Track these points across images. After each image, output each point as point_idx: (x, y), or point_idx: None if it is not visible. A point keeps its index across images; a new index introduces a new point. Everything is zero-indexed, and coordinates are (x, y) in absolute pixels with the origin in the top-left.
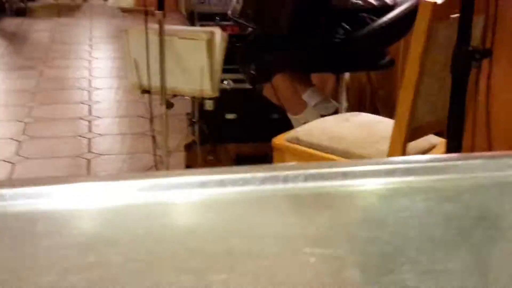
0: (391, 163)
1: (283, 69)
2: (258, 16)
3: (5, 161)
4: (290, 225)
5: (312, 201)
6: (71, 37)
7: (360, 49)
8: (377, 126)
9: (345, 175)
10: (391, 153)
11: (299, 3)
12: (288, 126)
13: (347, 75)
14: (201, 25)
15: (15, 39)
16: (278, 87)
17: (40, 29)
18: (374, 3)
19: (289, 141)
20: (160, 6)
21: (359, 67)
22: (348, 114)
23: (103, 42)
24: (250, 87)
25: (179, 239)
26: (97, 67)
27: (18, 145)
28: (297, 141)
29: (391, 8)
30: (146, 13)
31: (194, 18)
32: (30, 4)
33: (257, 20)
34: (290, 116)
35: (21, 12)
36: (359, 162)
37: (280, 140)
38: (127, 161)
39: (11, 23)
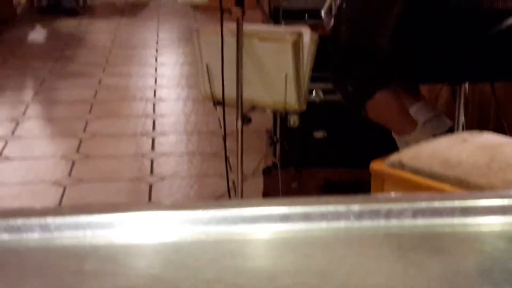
0: None
1: (388, 82)
2: (353, 34)
3: (56, 183)
4: (395, 274)
5: (422, 243)
6: (135, 39)
7: (486, 53)
8: (503, 150)
9: (465, 211)
10: None
11: (405, 12)
12: (390, 147)
13: (465, 85)
14: (287, 24)
15: (71, 42)
16: (381, 104)
17: (100, 30)
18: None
19: (391, 165)
20: (239, 1)
21: (482, 75)
22: (466, 133)
23: (171, 45)
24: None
25: (256, 286)
26: (164, 75)
27: (70, 165)
28: (401, 166)
29: None
30: (222, 11)
31: (279, 15)
32: (90, 1)
33: (352, 39)
34: (395, 136)
35: (72, 12)
36: (482, 194)
37: (380, 164)
38: (194, 186)
39: (68, 23)
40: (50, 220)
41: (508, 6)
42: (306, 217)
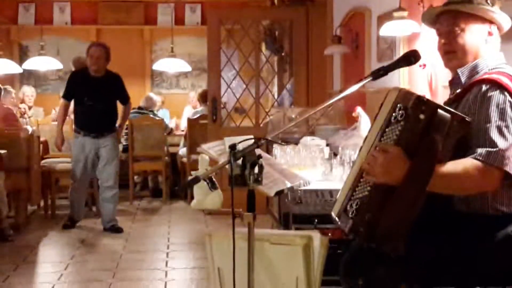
0: None
1: (398, 286)
2: (371, 235)
3: None
4: None
5: None
6: (146, 244)
7: (495, 257)
8: None
9: None
10: None
11: (422, 215)
12: None
13: None
14: (297, 229)
15: (83, 247)
16: None
17: (111, 235)
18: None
19: None
20: (250, 207)
21: (493, 280)
22: None
23: (182, 249)
24: None
25: None
26: (174, 279)
27: None
28: None
29: None
30: (234, 216)
31: (289, 220)
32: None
33: (370, 239)
34: None
35: (71, 222)
36: None
37: None
38: None
39: (80, 230)
40: None
41: None
42: None
